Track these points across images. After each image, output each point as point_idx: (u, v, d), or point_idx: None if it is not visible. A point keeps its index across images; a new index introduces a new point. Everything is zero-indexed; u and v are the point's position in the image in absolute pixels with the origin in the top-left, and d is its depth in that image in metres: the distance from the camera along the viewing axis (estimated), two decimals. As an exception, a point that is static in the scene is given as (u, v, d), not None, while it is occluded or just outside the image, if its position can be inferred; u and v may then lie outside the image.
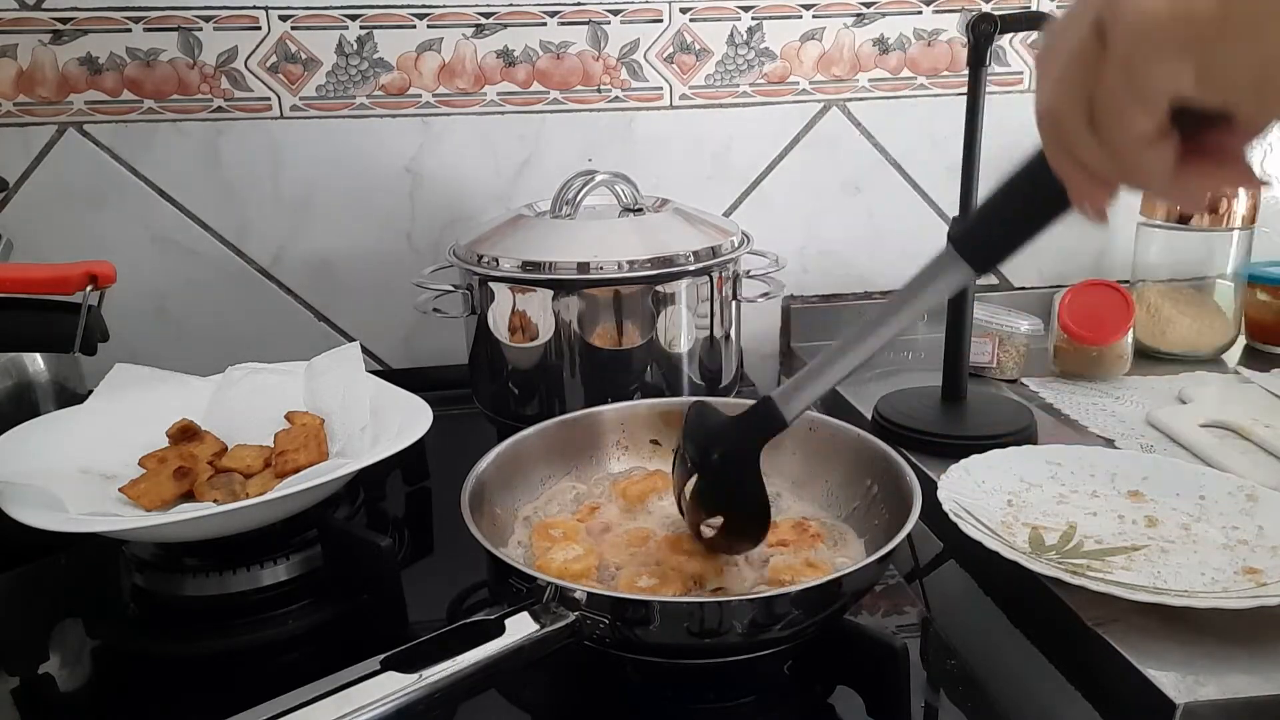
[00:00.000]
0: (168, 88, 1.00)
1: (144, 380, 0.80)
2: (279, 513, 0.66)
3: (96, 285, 0.70)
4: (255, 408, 0.79)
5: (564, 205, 0.86)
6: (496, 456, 0.66)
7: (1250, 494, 0.67)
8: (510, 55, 1.04)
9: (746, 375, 1.04)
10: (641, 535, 0.62)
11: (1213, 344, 1.04)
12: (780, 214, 1.13)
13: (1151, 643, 0.53)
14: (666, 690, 0.56)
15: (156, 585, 0.67)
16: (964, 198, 0.80)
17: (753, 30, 1.07)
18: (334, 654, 0.47)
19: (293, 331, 1.08)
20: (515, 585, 0.52)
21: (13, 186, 0.99)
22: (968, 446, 0.75)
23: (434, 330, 1.04)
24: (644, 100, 1.07)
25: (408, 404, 0.76)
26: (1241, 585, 0.57)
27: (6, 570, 0.68)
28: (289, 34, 1.00)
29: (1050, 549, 0.63)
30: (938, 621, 0.63)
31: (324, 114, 1.03)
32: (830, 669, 0.56)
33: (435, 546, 0.77)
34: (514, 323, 0.82)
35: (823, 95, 1.10)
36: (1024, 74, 1.13)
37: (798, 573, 0.57)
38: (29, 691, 0.58)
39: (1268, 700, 0.49)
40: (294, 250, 1.06)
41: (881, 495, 0.64)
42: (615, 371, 0.83)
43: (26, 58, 0.97)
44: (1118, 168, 0.33)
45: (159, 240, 1.03)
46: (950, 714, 0.55)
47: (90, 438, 0.73)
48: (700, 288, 0.83)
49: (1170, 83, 0.30)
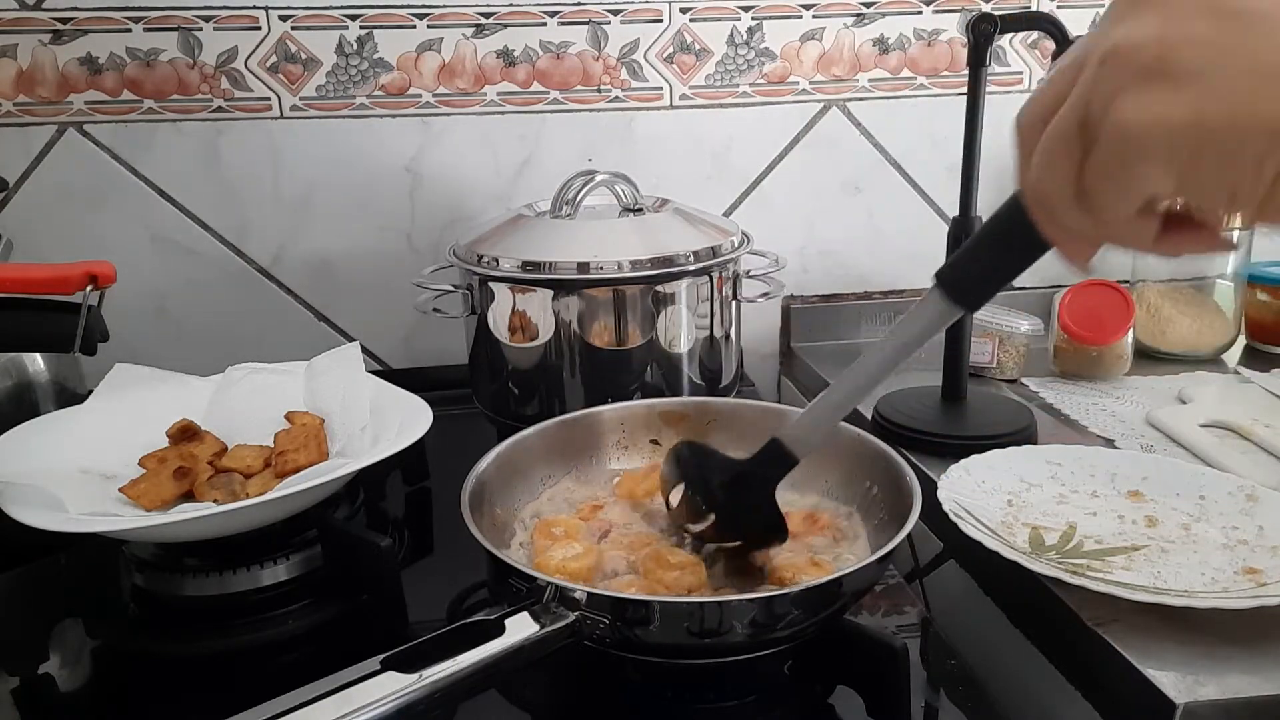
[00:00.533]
0: (168, 88, 1.00)
1: (144, 380, 0.80)
2: (279, 513, 0.66)
3: (96, 285, 0.70)
4: (255, 408, 0.79)
5: (564, 205, 0.86)
6: (496, 456, 0.66)
7: (1250, 494, 0.67)
8: (510, 55, 1.04)
9: (746, 375, 1.04)
10: (644, 540, 0.62)
11: (1213, 344, 1.04)
12: (780, 214, 1.13)
13: (1151, 643, 0.53)
14: (666, 690, 0.56)
15: (156, 585, 0.67)
16: (964, 197, 0.80)
17: (753, 30, 1.07)
18: (334, 654, 0.47)
19: (293, 331, 1.08)
20: (515, 585, 0.52)
21: (13, 186, 0.99)
22: (968, 446, 0.75)
23: (434, 330, 1.04)
24: (644, 100, 1.07)
25: (408, 404, 0.76)
26: (1241, 585, 0.57)
27: (6, 570, 0.68)
28: (289, 34, 1.00)
29: (1050, 549, 0.63)
30: (938, 621, 0.63)
31: (324, 114, 1.03)
32: (830, 669, 0.56)
33: (435, 546, 0.77)
34: (514, 323, 0.82)
35: (823, 95, 1.10)
36: (1024, 74, 1.13)
37: (800, 570, 0.57)
38: (29, 691, 0.58)
39: (1268, 700, 0.49)
40: (294, 250, 1.06)
41: (881, 495, 0.64)
42: (615, 371, 0.83)
43: (26, 58, 0.97)
44: (1102, 235, 0.35)
45: (159, 240, 1.03)
46: (950, 714, 0.55)
47: (90, 438, 0.73)
48: (700, 288, 0.83)
49: (1152, 186, 0.32)
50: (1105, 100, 0.32)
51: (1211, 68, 0.30)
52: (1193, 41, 0.30)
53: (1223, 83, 0.30)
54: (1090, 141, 0.33)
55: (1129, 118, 0.31)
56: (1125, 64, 0.31)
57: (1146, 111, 0.31)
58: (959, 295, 0.41)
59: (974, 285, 0.41)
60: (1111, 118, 0.32)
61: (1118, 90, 0.31)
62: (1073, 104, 0.33)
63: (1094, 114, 0.32)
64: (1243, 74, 0.30)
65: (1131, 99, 0.31)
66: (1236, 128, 0.30)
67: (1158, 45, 0.31)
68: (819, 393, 0.56)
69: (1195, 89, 0.30)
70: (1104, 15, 0.33)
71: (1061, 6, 1.11)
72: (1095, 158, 0.33)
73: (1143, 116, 0.31)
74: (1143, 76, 0.31)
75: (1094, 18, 1.11)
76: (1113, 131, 0.32)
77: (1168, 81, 0.30)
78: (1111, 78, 0.32)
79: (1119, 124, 0.31)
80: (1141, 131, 0.31)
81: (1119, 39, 0.32)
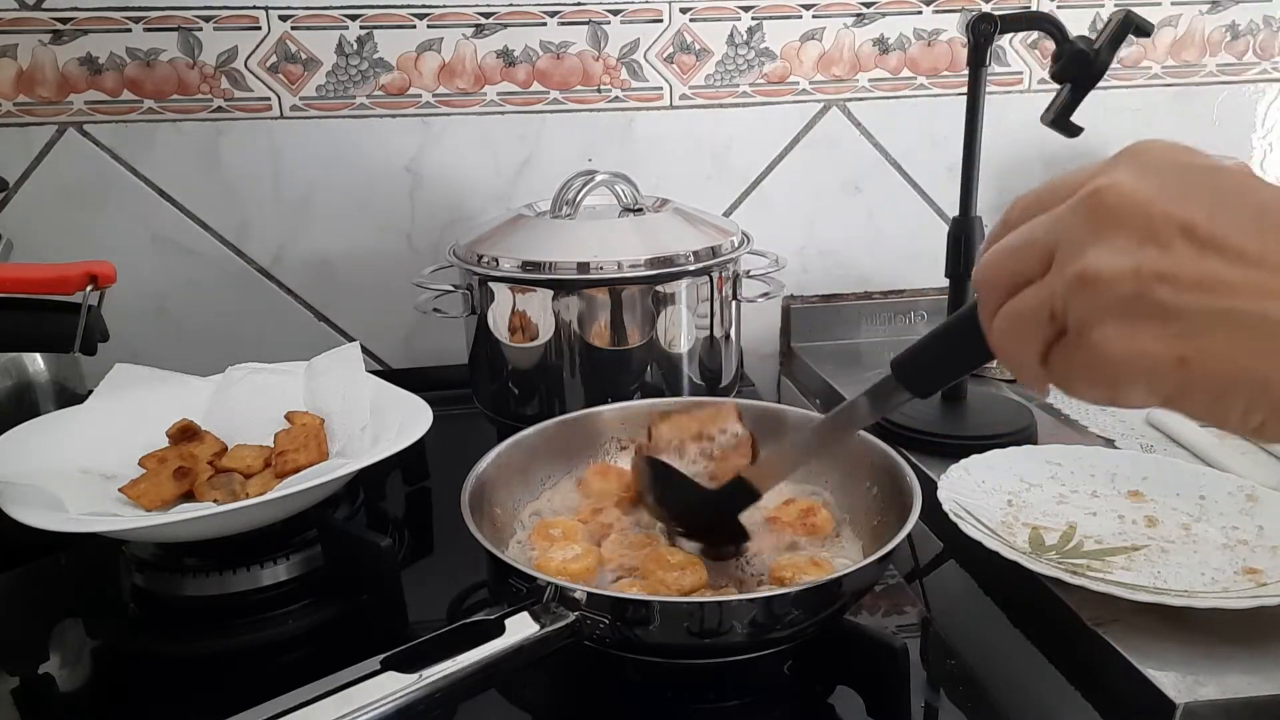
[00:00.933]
0: (168, 88, 1.00)
1: (144, 380, 0.80)
2: (279, 513, 0.66)
3: (96, 285, 0.69)
4: (255, 408, 0.79)
5: (564, 205, 0.86)
6: (496, 456, 0.66)
7: (1250, 494, 0.67)
8: (510, 55, 1.04)
9: (746, 375, 1.04)
10: (643, 540, 0.62)
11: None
12: (780, 214, 1.13)
13: (1151, 643, 0.53)
14: (666, 690, 0.56)
15: (156, 585, 0.67)
16: (964, 198, 0.80)
17: (753, 30, 1.07)
18: (334, 654, 0.47)
19: (293, 331, 1.08)
20: (515, 585, 0.52)
21: (13, 186, 0.99)
22: (968, 446, 0.75)
23: (434, 330, 1.04)
24: (644, 100, 1.07)
25: (408, 404, 0.76)
26: (1241, 585, 0.57)
27: (6, 570, 0.68)
28: (289, 34, 1.00)
29: (1050, 549, 0.63)
30: (938, 621, 0.63)
31: (324, 114, 1.03)
32: (830, 669, 0.56)
33: (435, 546, 0.77)
34: (514, 323, 0.82)
35: (823, 95, 1.10)
36: (1024, 74, 1.13)
37: (800, 570, 0.57)
38: (29, 691, 0.58)
39: (1268, 700, 0.49)
40: (294, 250, 1.06)
41: (881, 495, 0.64)
42: (615, 371, 0.83)
43: (26, 58, 0.97)
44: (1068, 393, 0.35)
45: (159, 240, 1.03)
46: (950, 714, 0.55)
47: (90, 438, 0.73)
48: (700, 288, 0.83)
49: (1134, 401, 0.31)
50: (1082, 320, 0.31)
51: (1192, 309, 0.29)
52: (1172, 275, 0.29)
53: (1205, 327, 0.29)
54: (1060, 332, 0.32)
55: (1112, 349, 0.30)
56: (1102, 291, 0.30)
57: (1127, 346, 0.30)
58: (909, 380, 0.44)
59: (923, 373, 0.44)
60: (1094, 341, 0.31)
61: (1098, 315, 0.30)
62: (1043, 299, 0.32)
63: (1069, 319, 0.31)
64: (1221, 319, 0.29)
65: (1112, 330, 0.30)
66: (1217, 378, 0.29)
67: (1134, 277, 0.29)
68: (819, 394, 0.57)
69: (1176, 329, 0.29)
70: (1070, 209, 0.32)
71: (1061, 6, 1.11)
72: (1070, 357, 0.32)
73: (1124, 350, 0.30)
74: (1121, 309, 0.30)
75: (1094, 18, 1.11)
76: (1095, 354, 0.31)
77: (1149, 318, 0.29)
78: (1088, 300, 0.31)
79: (1102, 350, 0.31)
80: (1124, 363, 0.30)
81: (1093, 262, 0.30)
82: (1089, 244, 0.31)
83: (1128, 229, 0.30)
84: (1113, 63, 0.70)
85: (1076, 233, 0.31)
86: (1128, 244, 0.30)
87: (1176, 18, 1.14)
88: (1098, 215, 0.31)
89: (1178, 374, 0.30)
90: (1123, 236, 0.30)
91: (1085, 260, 0.31)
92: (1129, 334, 0.30)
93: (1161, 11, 1.13)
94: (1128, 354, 0.30)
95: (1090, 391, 0.33)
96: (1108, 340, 0.30)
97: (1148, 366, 0.30)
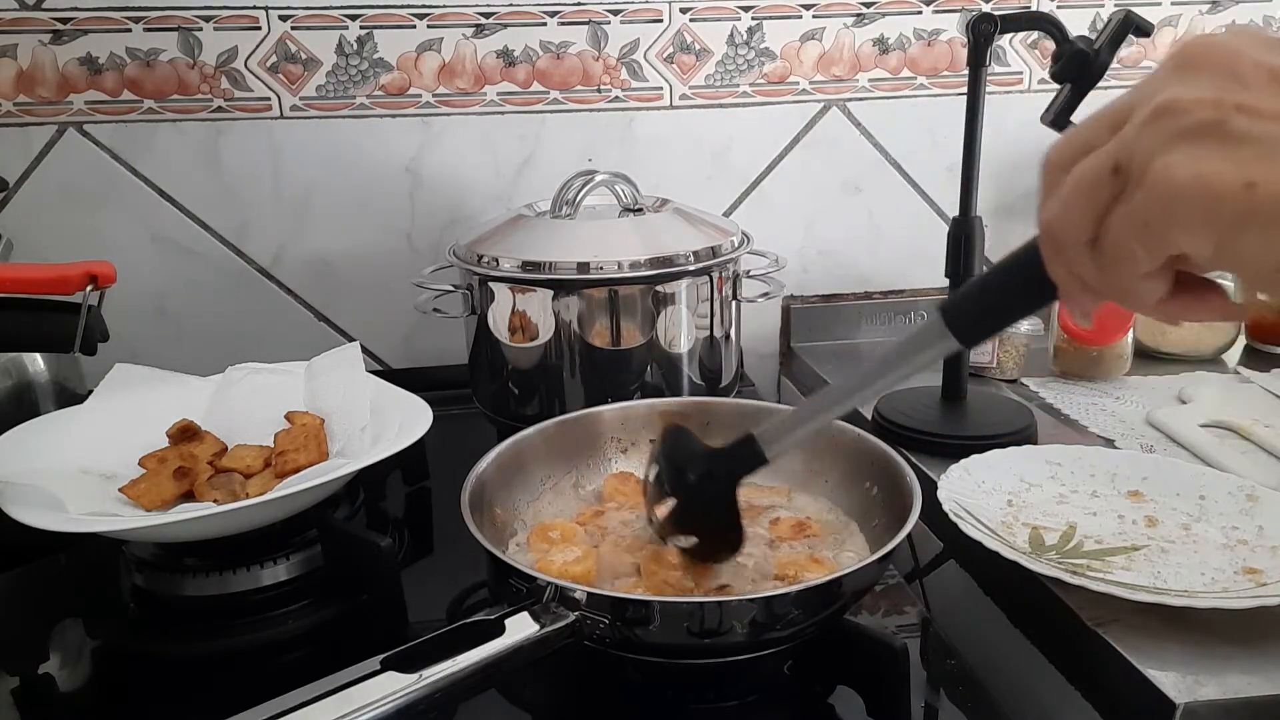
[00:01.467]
0: (168, 88, 1.00)
1: (144, 380, 0.80)
2: (279, 513, 0.66)
3: (96, 285, 0.70)
4: (255, 408, 0.79)
5: (564, 205, 0.86)
6: (496, 456, 0.66)
7: (1250, 494, 0.67)
8: (510, 55, 1.04)
9: (746, 375, 1.04)
10: (644, 541, 0.62)
11: (1213, 344, 1.04)
12: (780, 214, 1.13)
13: (1151, 643, 0.53)
14: (666, 690, 0.56)
15: (156, 585, 0.67)
16: (964, 197, 0.80)
17: (753, 30, 1.07)
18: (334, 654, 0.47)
19: (293, 331, 1.08)
20: (515, 585, 0.52)
21: (13, 186, 0.99)
22: (968, 446, 0.75)
23: (434, 330, 1.04)
24: (644, 100, 1.07)
25: (408, 404, 0.76)
26: (1241, 585, 0.57)
27: (6, 570, 0.68)
28: (289, 34, 1.00)
29: (1050, 549, 0.63)
30: (938, 621, 0.63)
31: (324, 114, 1.03)
32: (830, 669, 0.56)
33: (435, 546, 0.77)
34: (514, 323, 0.82)
35: (823, 95, 1.10)
36: (1024, 74, 1.13)
37: (803, 568, 0.57)
38: (29, 691, 0.58)
39: (1268, 700, 0.49)
40: (294, 250, 1.06)
41: (881, 495, 0.64)
42: (615, 371, 0.83)
43: (26, 58, 0.97)
44: (1110, 288, 0.34)
45: (159, 240, 1.03)
46: (950, 714, 0.55)
47: (90, 438, 0.73)
48: (700, 288, 0.83)
49: (1186, 249, 0.31)
50: (1150, 151, 0.30)
51: (1269, 136, 0.29)
52: (1252, 107, 0.29)
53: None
54: (1122, 188, 0.32)
55: (1176, 174, 0.30)
56: (1179, 118, 0.30)
57: (1195, 169, 0.29)
58: (957, 327, 0.41)
59: (973, 322, 0.41)
60: (1156, 170, 0.30)
61: (1167, 143, 0.30)
62: (1111, 149, 0.32)
63: (1134, 162, 0.31)
64: None
65: (1181, 154, 0.30)
66: None
67: (1215, 105, 0.29)
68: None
69: (1250, 154, 0.29)
70: (1153, 74, 0.32)
71: (1061, 6, 1.11)
72: (1127, 207, 0.31)
73: (1190, 174, 0.29)
74: (1195, 133, 0.30)
75: (1094, 18, 1.11)
76: (1155, 184, 0.30)
77: (1222, 143, 0.29)
78: (1161, 129, 0.30)
79: (1164, 178, 0.30)
80: (1187, 189, 0.29)
81: (1174, 93, 0.30)
82: (1172, 84, 0.31)
83: (1214, 70, 0.30)
84: (1113, 63, 0.70)
85: (1159, 83, 0.31)
86: (1213, 80, 0.30)
87: (1176, 18, 1.14)
88: (1185, 62, 0.31)
89: (1242, 198, 0.29)
90: (1208, 75, 0.30)
91: (1166, 94, 0.30)
92: (1198, 158, 0.29)
93: (1161, 11, 1.13)
94: (1193, 177, 0.29)
95: (1139, 242, 0.31)
96: (1173, 166, 0.30)
97: (1213, 190, 0.29)
